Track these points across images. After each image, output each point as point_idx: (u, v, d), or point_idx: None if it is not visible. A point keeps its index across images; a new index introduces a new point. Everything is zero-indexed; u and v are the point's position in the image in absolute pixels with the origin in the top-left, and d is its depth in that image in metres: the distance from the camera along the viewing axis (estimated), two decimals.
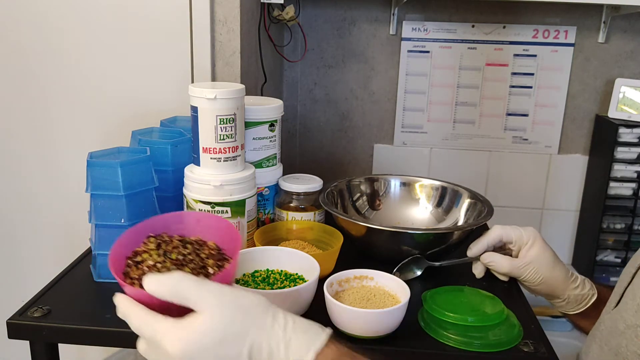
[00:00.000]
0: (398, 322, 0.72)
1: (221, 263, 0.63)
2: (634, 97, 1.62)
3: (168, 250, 0.62)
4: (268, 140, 1.03)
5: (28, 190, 1.28)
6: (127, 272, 0.61)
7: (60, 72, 1.20)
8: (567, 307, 0.85)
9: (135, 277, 0.59)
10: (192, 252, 0.63)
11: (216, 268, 0.62)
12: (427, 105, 1.80)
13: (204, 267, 0.62)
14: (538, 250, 0.85)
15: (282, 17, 1.48)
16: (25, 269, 1.33)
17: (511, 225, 0.89)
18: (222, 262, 0.63)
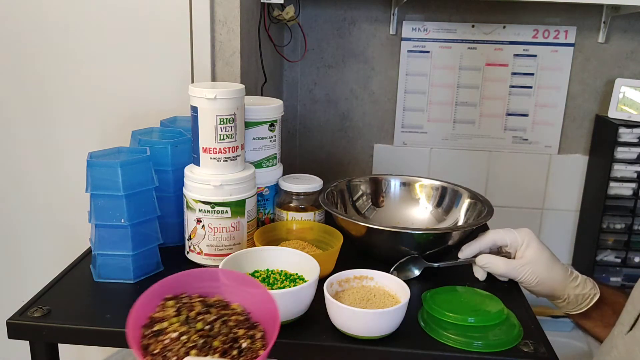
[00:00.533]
0: (398, 322, 0.72)
1: (252, 332, 0.57)
2: (634, 97, 1.62)
3: (191, 317, 0.56)
4: (268, 140, 1.03)
5: (28, 190, 1.28)
6: (147, 346, 0.54)
7: (60, 72, 1.20)
8: (568, 307, 0.85)
9: (157, 351, 0.53)
10: (217, 317, 0.56)
11: (249, 340, 0.56)
12: (427, 105, 1.80)
13: (235, 339, 0.55)
14: (534, 251, 0.85)
15: (282, 17, 1.48)
16: (25, 269, 1.33)
17: (505, 229, 0.89)
18: (252, 330, 0.57)
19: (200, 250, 0.90)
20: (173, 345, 0.53)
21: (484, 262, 0.87)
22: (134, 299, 0.82)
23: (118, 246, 0.85)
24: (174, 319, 0.56)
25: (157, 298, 0.57)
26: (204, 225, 0.89)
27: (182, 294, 0.59)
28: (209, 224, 0.89)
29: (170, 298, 0.58)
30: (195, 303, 0.58)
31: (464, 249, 0.90)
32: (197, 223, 0.89)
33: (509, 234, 0.88)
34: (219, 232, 0.89)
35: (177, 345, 0.53)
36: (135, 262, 0.85)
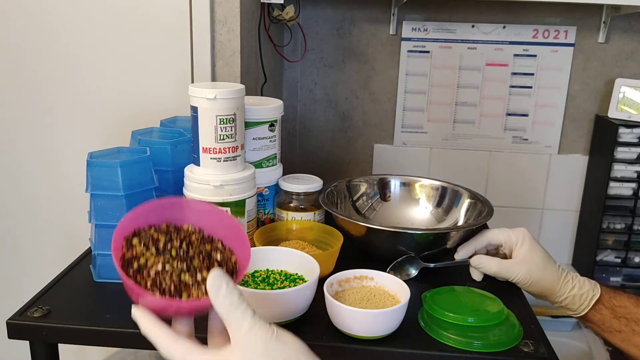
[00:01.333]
0: (398, 322, 0.72)
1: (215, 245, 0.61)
2: (634, 97, 1.62)
3: (160, 247, 0.59)
4: (268, 140, 1.03)
5: (28, 190, 1.28)
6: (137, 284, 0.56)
7: (60, 72, 1.20)
8: (567, 309, 0.85)
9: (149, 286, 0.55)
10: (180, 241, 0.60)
11: (218, 252, 0.60)
12: (427, 105, 1.80)
13: (208, 254, 0.60)
14: (527, 250, 0.85)
15: (282, 17, 1.48)
16: (25, 269, 1.33)
17: (500, 228, 0.89)
18: (214, 242, 0.62)
19: None
20: (163, 276, 0.56)
21: (477, 262, 0.88)
22: None
23: None
24: (147, 253, 0.58)
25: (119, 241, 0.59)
26: None
27: (136, 229, 0.61)
28: None
29: (131, 237, 0.60)
30: (153, 234, 0.60)
31: (459, 249, 0.91)
32: None
33: (503, 233, 0.88)
34: None
35: (166, 275, 0.56)
36: None
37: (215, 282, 0.52)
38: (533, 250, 0.85)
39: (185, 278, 0.56)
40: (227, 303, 0.52)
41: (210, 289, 0.52)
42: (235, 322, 0.52)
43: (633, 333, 0.80)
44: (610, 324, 0.81)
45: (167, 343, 0.53)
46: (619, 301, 0.82)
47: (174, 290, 0.55)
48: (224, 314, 0.52)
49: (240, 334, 0.52)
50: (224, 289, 0.52)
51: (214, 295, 0.52)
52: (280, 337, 0.53)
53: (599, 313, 0.82)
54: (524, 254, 0.85)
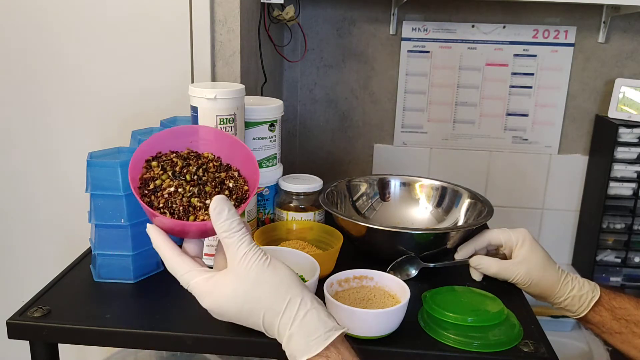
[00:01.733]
0: (398, 322, 0.72)
1: (231, 173, 0.66)
2: (634, 97, 1.62)
3: (177, 171, 0.63)
4: (268, 140, 1.03)
5: (28, 190, 1.28)
6: (149, 204, 0.61)
7: (60, 72, 1.20)
8: (567, 310, 0.84)
9: (161, 206, 0.60)
10: (198, 167, 0.64)
11: (232, 180, 0.65)
12: (427, 105, 1.80)
13: (222, 181, 0.64)
14: (527, 251, 0.85)
15: (282, 17, 1.48)
16: (25, 269, 1.33)
17: (500, 228, 0.89)
18: (230, 171, 0.66)
19: None
20: (174, 197, 0.61)
21: (477, 263, 0.88)
22: (134, 299, 0.82)
23: (118, 246, 0.84)
24: (164, 176, 0.63)
25: (140, 162, 0.64)
26: None
27: (158, 153, 0.66)
28: None
29: (152, 159, 0.65)
30: (174, 159, 0.65)
31: (459, 249, 0.91)
32: None
33: (503, 233, 0.88)
34: None
35: (177, 197, 0.61)
36: (135, 262, 0.85)
37: (218, 206, 0.56)
38: (533, 251, 0.85)
39: (194, 201, 0.61)
40: (226, 227, 0.56)
41: (212, 212, 0.56)
42: (232, 246, 0.56)
43: (633, 335, 0.80)
44: (610, 326, 0.81)
45: (172, 259, 0.58)
46: (619, 303, 0.82)
47: (183, 212, 0.60)
48: (223, 237, 0.56)
49: (235, 258, 0.56)
50: (225, 213, 0.56)
51: (215, 218, 0.56)
52: (273, 264, 0.57)
53: (598, 314, 0.82)
54: (524, 255, 0.85)
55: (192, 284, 0.57)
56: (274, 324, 0.56)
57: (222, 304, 0.56)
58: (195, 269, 0.57)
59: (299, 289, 0.57)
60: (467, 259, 0.90)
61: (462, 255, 0.90)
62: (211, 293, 0.56)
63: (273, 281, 0.56)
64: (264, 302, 0.56)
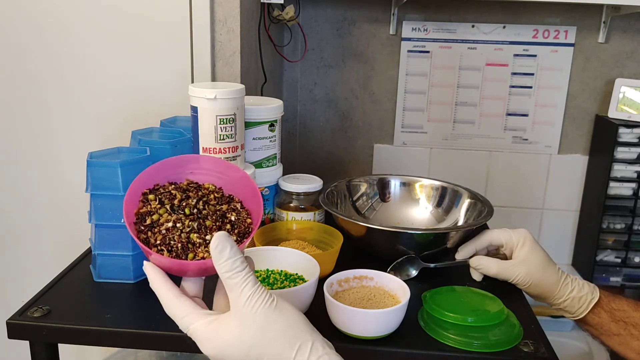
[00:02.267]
0: (398, 322, 0.72)
1: (233, 205, 0.61)
2: (634, 97, 1.62)
3: (175, 204, 0.59)
4: (268, 140, 1.03)
5: (28, 190, 1.28)
6: (146, 240, 0.57)
7: (60, 72, 1.20)
8: (566, 311, 0.84)
9: (158, 243, 0.56)
10: (198, 199, 0.60)
11: (234, 213, 0.60)
12: (427, 105, 1.80)
13: (224, 214, 0.60)
14: (527, 251, 0.85)
15: (282, 17, 1.48)
16: (25, 269, 1.33)
17: (501, 228, 0.89)
18: (232, 203, 0.62)
19: None
20: (172, 234, 0.57)
21: (477, 263, 0.87)
22: (134, 299, 0.82)
23: (118, 246, 0.85)
24: (161, 210, 0.58)
25: (137, 195, 0.60)
26: None
27: (156, 185, 0.62)
28: None
29: (148, 192, 0.61)
30: (172, 191, 0.60)
31: (460, 249, 0.91)
32: None
33: (504, 233, 0.88)
34: None
35: (175, 232, 0.57)
36: (135, 262, 0.85)
37: (219, 244, 0.51)
38: (533, 251, 0.85)
39: (193, 237, 0.57)
40: (229, 267, 0.51)
41: (212, 251, 0.51)
42: (236, 288, 0.51)
43: (631, 337, 0.80)
44: (609, 327, 0.81)
45: (170, 301, 0.54)
46: (618, 305, 0.82)
47: (181, 249, 0.56)
48: (225, 278, 0.52)
49: (239, 301, 0.51)
50: (227, 251, 0.51)
51: (216, 257, 0.52)
52: (280, 307, 0.53)
53: (597, 316, 0.82)
54: (524, 256, 0.85)
55: (192, 328, 0.53)
56: None
57: (225, 350, 0.52)
58: (195, 312, 0.53)
59: (309, 333, 0.53)
60: (467, 260, 0.90)
61: (462, 256, 0.90)
62: (213, 339, 0.52)
63: (281, 326, 0.52)
64: (272, 349, 0.52)
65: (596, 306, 0.82)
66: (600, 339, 0.84)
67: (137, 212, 0.59)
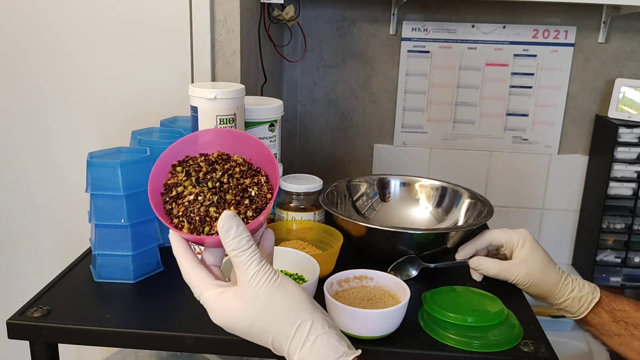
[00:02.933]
0: (398, 322, 0.72)
1: (257, 179, 0.62)
2: (634, 97, 1.62)
3: (200, 177, 0.61)
4: (268, 140, 1.03)
5: (28, 190, 1.28)
6: (170, 211, 0.60)
7: (60, 72, 1.20)
8: (566, 311, 0.84)
9: (180, 214, 0.59)
10: (223, 173, 0.62)
11: (255, 187, 0.61)
12: (427, 105, 1.80)
13: (245, 189, 0.61)
14: (527, 251, 0.85)
15: (282, 17, 1.48)
16: (25, 269, 1.33)
17: (501, 228, 0.89)
18: (257, 177, 0.63)
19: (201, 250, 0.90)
20: (193, 206, 0.59)
21: (477, 264, 0.87)
22: (134, 299, 0.82)
23: (118, 246, 0.85)
24: (187, 182, 0.61)
25: (166, 166, 0.62)
26: None
27: (186, 157, 0.64)
28: None
29: (177, 164, 0.63)
30: (200, 163, 0.62)
31: (460, 249, 0.91)
32: None
33: (504, 234, 0.88)
34: None
35: (196, 205, 0.59)
36: (135, 262, 0.85)
37: (225, 224, 0.54)
38: (533, 251, 0.85)
39: (211, 211, 0.59)
40: (235, 245, 0.54)
41: (220, 229, 0.54)
42: (241, 265, 0.54)
43: (632, 337, 0.79)
44: (609, 328, 0.81)
45: (187, 270, 0.57)
46: (619, 305, 0.82)
47: (199, 222, 0.59)
48: (232, 255, 0.55)
49: (245, 278, 0.54)
50: (233, 230, 0.54)
51: (223, 236, 0.54)
52: (283, 284, 0.55)
53: (597, 316, 0.82)
54: (524, 256, 0.85)
55: (203, 297, 0.56)
56: (284, 347, 0.55)
57: (230, 322, 0.55)
58: (209, 282, 0.56)
59: (310, 312, 0.55)
60: (467, 260, 0.90)
61: (462, 256, 0.90)
62: (221, 310, 0.55)
63: (283, 304, 0.54)
64: (273, 326, 0.54)
65: (597, 306, 0.82)
66: (601, 339, 0.83)
67: (165, 183, 0.62)
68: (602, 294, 0.83)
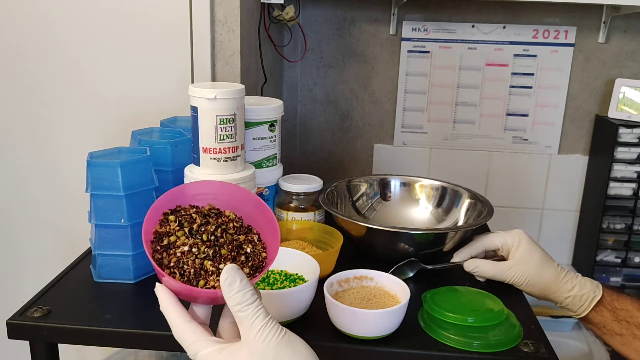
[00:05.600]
0: (398, 322, 0.72)
1: (250, 237, 0.61)
2: (634, 97, 1.62)
3: (193, 229, 0.59)
4: (268, 141, 1.03)
5: (28, 191, 1.28)
6: (160, 260, 0.57)
7: (60, 72, 1.20)
8: (568, 309, 0.84)
9: (172, 265, 0.56)
10: (216, 227, 0.60)
11: (250, 245, 0.60)
12: (427, 105, 1.80)
13: (240, 245, 0.59)
14: (523, 251, 0.84)
15: (282, 17, 1.48)
16: (25, 269, 1.33)
17: (495, 232, 0.89)
18: (250, 234, 0.61)
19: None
20: (186, 258, 0.57)
21: (472, 267, 0.87)
22: (134, 299, 0.82)
23: (118, 246, 0.85)
24: (179, 232, 0.58)
25: (158, 213, 0.60)
26: None
27: (177, 207, 0.62)
28: None
29: (169, 212, 0.61)
30: (193, 214, 0.60)
31: (455, 255, 0.90)
32: None
33: (499, 237, 0.87)
34: None
35: (190, 257, 0.57)
36: (135, 262, 0.85)
37: (228, 277, 0.51)
38: (530, 251, 0.84)
39: (207, 264, 0.56)
40: (239, 299, 0.51)
41: (222, 282, 0.52)
42: (246, 320, 0.51)
43: (633, 337, 0.79)
44: (611, 327, 0.81)
45: (180, 326, 0.54)
46: (621, 304, 0.81)
47: (193, 275, 0.56)
48: (235, 310, 0.52)
49: (250, 334, 0.51)
50: (237, 284, 0.51)
51: (226, 290, 0.52)
52: (291, 340, 0.53)
53: (599, 315, 0.81)
54: (520, 256, 0.84)
55: (200, 355, 0.53)
56: None
57: None
58: (204, 339, 0.53)
59: None
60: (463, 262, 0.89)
61: (458, 259, 0.90)
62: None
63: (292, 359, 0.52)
64: None
65: (599, 304, 0.81)
66: (603, 339, 0.83)
67: (155, 231, 0.59)
68: (604, 293, 0.82)
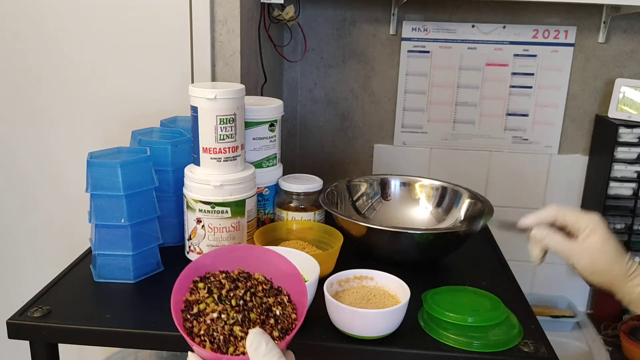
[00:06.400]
0: (398, 322, 0.72)
1: (280, 299, 0.61)
2: (634, 97, 1.62)
3: (223, 294, 0.60)
4: (268, 140, 1.03)
5: (28, 191, 1.28)
6: (190, 329, 0.57)
7: (60, 72, 1.20)
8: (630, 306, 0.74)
9: (202, 333, 0.57)
10: (245, 291, 0.60)
11: (279, 307, 0.60)
12: (427, 105, 1.80)
13: (269, 308, 0.60)
14: (598, 239, 0.74)
15: (282, 17, 1.48)
16: (25, 269, 1.33)
17: (571, 208, 0.77)
18: (279, 296, 0.62)
19: (200, 251, 0.90)
20: (216, 325, 0.57)
21: (541, 236, 0.75)
22: (134, 299, 0.83)
23: (118, 246, 0.85)
24: (209, 299, 0.59)
25: (187, 281, 0.61)
26: (204, 225, 0.89)
27: (207, 273, 0.62)
28: (209, 224, 0.89)
29: (199, 280, 0.62)
30: (222, 280, 0.61)
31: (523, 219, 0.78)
32: (197, 223, 0.89)
33: (572, 214, 0.75)
34: (219, 232, 0.89)
35: (219, 324, 0.57)
36: (135, 262, 0.86)
37: (254, 342, 0.52)
38: (605, 240, 0.74)
39: (236, 330, 0.57)
40: None
41: (248, 347, 0.52)
42: None
43: None
44: None
45: None
46: None
47: (223, 341, 0.56)
48: None
49: None
50: (263, 348, 0.52)
51: (252, 354, 0.52)
52: None
53: None
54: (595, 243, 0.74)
55: None
56: None
57: None
58: None
59: None
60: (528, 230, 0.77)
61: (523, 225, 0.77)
62: None
63: None
64: None
65: None
66: None
67: (185, 300, 0.60)
68: None
